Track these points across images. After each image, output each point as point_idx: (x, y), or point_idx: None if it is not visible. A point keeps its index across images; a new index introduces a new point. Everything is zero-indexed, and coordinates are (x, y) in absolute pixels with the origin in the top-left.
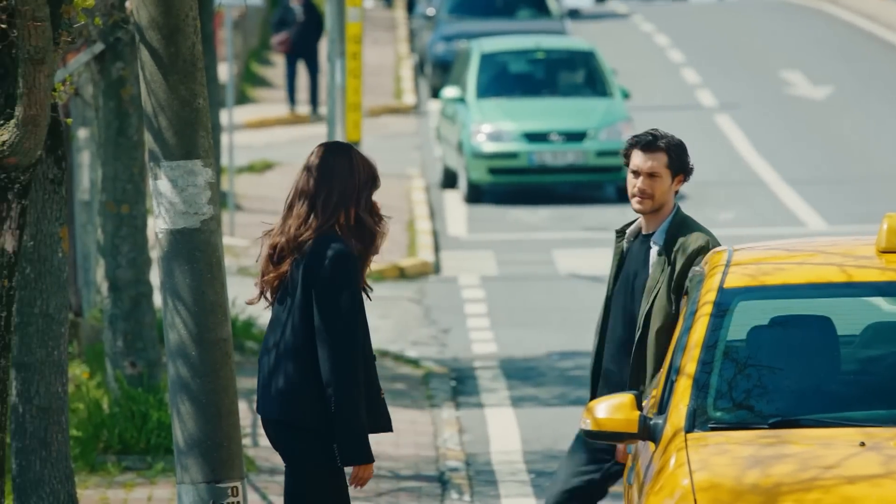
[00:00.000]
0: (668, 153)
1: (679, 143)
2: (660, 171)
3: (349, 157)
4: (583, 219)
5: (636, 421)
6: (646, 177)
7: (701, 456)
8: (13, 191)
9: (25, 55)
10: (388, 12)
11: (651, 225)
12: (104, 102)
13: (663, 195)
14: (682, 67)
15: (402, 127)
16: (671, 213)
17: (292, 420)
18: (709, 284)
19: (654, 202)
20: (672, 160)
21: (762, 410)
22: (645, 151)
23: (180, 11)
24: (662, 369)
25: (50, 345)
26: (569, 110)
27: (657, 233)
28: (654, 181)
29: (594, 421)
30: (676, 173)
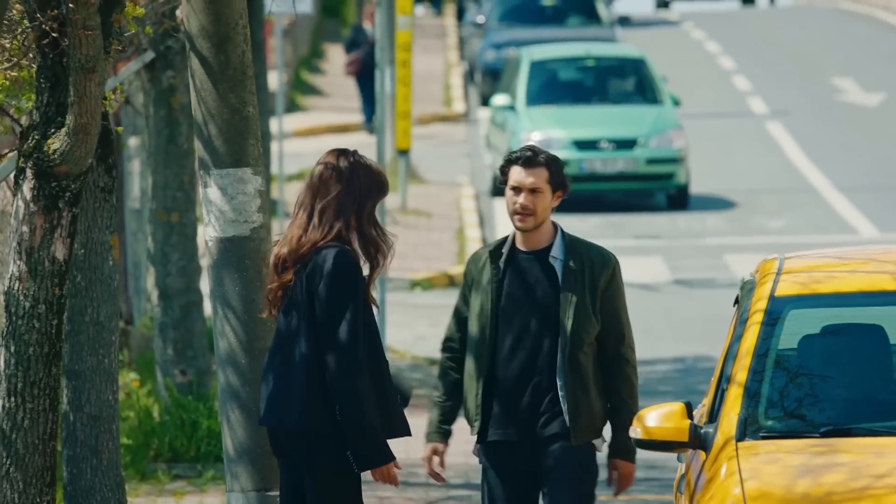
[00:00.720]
0: (548, 168)
1: (556, 159)
2: (541, 187)
3: (349, 164)
4: (633, 227)
5: (687, 430)
6: (528, 193)
7: (752, 465)
8: (64, 199)
9: (76, 64)
10: (438, 20)
11: (533, 241)
12: (154, 111)
13: (545, 211)
14: (732, 74)
15: (452, 135)
16: (558, 229)
17: (310, 428)
18: (760, 293)
19: (537, 218)
20: (552, 175)
21: (813, 419)
22: (525, 167)
23: (230, 20)
24: (713, 378)
25: (101, 353)
26: (619, 118)
27: (554, 248)
28: (537, 197)
29: (644, 430)
30: (556, 188)
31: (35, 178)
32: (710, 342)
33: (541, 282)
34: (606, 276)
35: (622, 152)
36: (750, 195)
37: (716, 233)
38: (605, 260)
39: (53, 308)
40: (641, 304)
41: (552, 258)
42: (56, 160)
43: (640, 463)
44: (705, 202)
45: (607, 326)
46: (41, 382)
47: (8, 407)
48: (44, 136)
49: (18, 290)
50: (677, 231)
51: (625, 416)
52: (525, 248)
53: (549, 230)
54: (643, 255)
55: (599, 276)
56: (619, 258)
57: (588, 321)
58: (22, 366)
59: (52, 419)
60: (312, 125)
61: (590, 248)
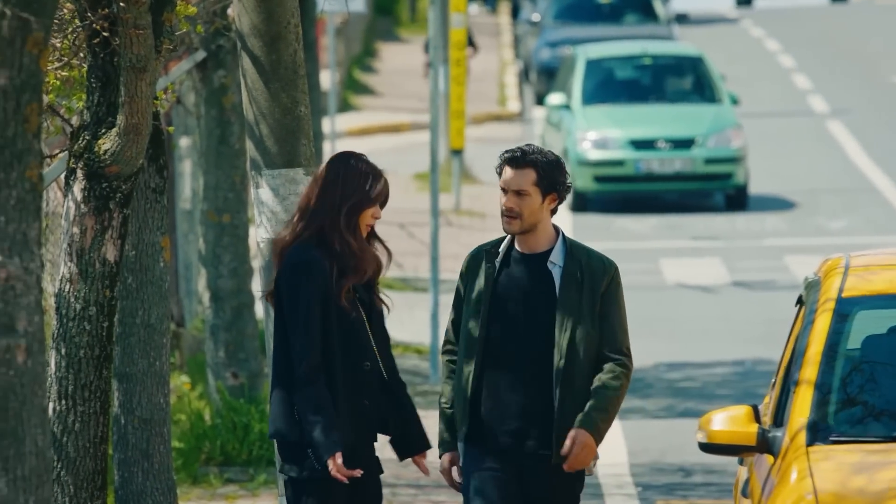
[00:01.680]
0: (536, 170)
1: (552, 161)
2: (526, 189)
3: (341, 167)
4: (690, 227)
5: (755, 434)
6: (512, 194)
7: (824, 469)
8: (115, 200)
9: (127, 63)
10: (492, 18)
11: (531, 244)
12: (206, 111)
13: (532, 214)
14: (793, 72)
15: (507, 134)
16: (558, 234)
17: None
18: (826, 292)
19: (523, 222)
20: (540, 178)
21: (884, 422)
22: (513, 167)
23: (282, 18)
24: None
25: (152, 355)
26: (676, 117)
27: (554, 252)
28: (522, 199)
29: (709, 434)
30: (547, 192)
31: (86, 179)
32: (770, 345)
33: (536, 287)
34: (605, 282)
35: (680, 152)
36: (810, 195)
37: (775, 234)
38: (606, 267)
39: (104, 310)
40: (699, 306)
41: (550, 263)
42: (107, 161)
43: (698, 467)
44: (764, 202)
45: (602, 333)
46: (92, 385)
47: (59, 410)
48: (94, 137)
49: (69, 292)
50: (736, 232)
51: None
52: (522, 251)
53: (549, 234)
54: (701, 256)
55: (599, 284)
56: (676, 259)
57: (586, 333)
58: (73, 368)
59: (102, 422)
60: (365, 125)
61: (590, 254)
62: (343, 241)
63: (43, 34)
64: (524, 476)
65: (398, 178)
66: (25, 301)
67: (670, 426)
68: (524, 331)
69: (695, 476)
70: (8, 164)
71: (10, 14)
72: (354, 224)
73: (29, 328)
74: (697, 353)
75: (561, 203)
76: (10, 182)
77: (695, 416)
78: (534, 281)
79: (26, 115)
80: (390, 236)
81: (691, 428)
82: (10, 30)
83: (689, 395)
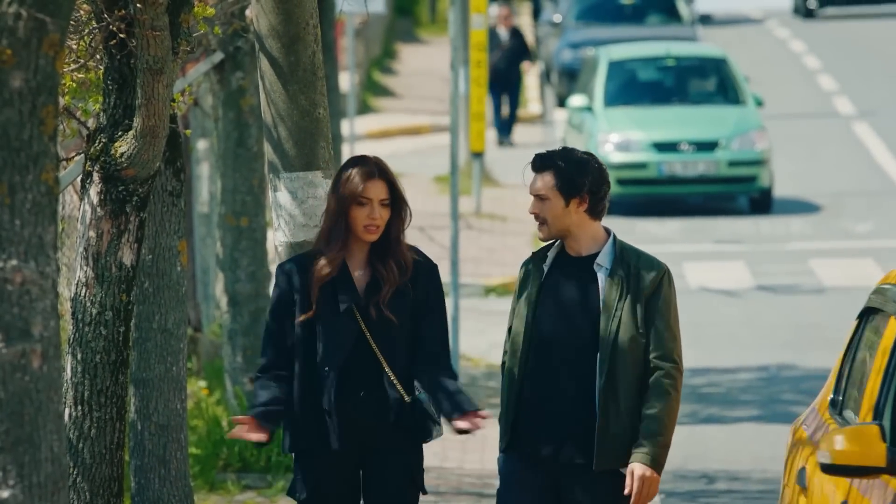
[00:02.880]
0: (554, 173)
1: (574, 163)
2: (546, 194)
3: (339, 170)
4: (714, 231)
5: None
6: (535, 199)
7: None
8: (131, 203)
9: (144, 65)
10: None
11: (578, 246)
12: (223, 113)
13: (557, 219)
14: (818, 74)
15: (528, 137)
16: (608, 235)
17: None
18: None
19: (550, 228)
20: (560, 180)
21: None
22: (534, 171)
23: (300, 20)
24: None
25: (169, 360)
26: (700, 119)
27: (601, 255)
28: (545, 204)
29: (833, 453)
30: (569, 195)
31: (102, 182)
32: (795, 350)
33: (581, 290)
34: (653, 285)
35: (703, 154)
36: (836, 198)
37: (800, 237)
38: (655, 269)
39: (121, 315)
40: (723, 310)
41: (597, 265)
42: (123, 163)
43: (722, 474)
44: (789, 205)
45: (649, 339)
46: (108, 391)
47: (75, 416)
48: (111, 139)
49: (85, 297)
50: (760, 235)
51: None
52: (571, 254)
53: (595, 236)
54: (725, 260)
55: (646, 287)
56: (700, 263)
57: (631, 338)
58: (89, 374)
59: (119, 428)
60: (385, 127)
61: (640, 256)
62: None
63: (59, 35)
64: (562, 486)
65: (418, 181)
66: (41, 305)
67: (693, 432)
68: (567, 336)
69: (718, 483)
70: (24, 167)
71: (26, 15)
72: (345, 227)
73: (44, 333)
74: (721, 359)
75: (596, 204)
76: (26, 185)
77: (718, 422)
78: (579, 284)
79: (42, 118)
80: (410, 240)
81: (714, 434)
82: (26, 31)
83: (713, 402)
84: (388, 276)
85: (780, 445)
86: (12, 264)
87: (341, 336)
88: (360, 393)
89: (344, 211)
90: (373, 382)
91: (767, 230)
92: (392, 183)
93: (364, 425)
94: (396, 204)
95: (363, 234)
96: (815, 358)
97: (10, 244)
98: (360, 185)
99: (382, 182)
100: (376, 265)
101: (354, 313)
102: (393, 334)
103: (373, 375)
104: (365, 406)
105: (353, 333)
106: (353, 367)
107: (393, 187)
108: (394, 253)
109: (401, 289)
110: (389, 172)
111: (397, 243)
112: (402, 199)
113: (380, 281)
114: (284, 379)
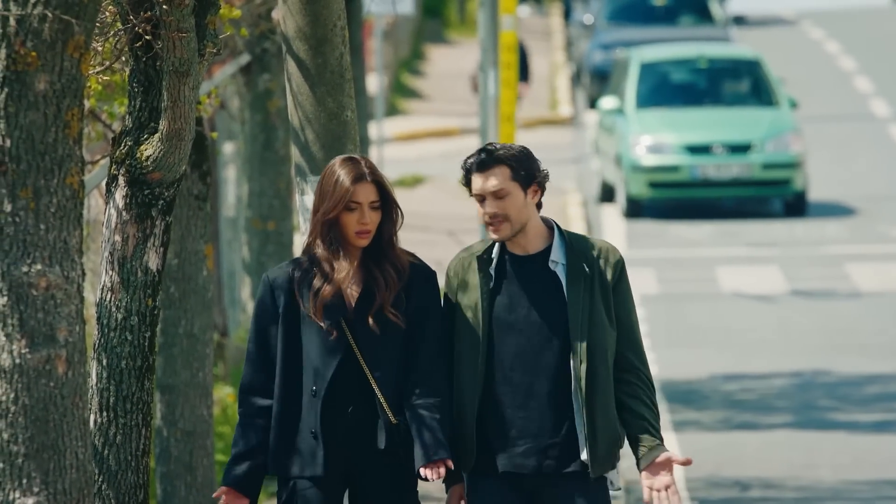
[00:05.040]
0: (508, 165)
1: (521, 151)
2: (505, 187)
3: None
4: (747, 235)
5: None
6: (492, 198)
7: None
8: (157, 207)
9: (170, 67)
10: (543, 20)
11: (526, 244)
12: (250, 116)
13: (520, 212)
14: (854, 75)
15: (558, 139)
16: (553, 227)
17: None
18: None
19: (513, 224)
20: (515, 171)
21: None
22: (481, 171)
23: (328, 21)
24: None
25: (195, 366)
26: (733, 121)
27: (553, 250)
28: (505, 201)
29: None
30: (527, 184)
31: (127, 186)
32: (830, 356)
33: (542, 290)
34: (615, 274)
35: (736, 157)
36: (871, 202)
37: (835, 241)
38: (611, 256)
39: (146, 320)
40: (756, 315)
41: (552, 262)
42: (149, 167)
43: (756, 481)
44: (824, 209)
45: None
46: (134, 397)
47: (100, 422)
48: (136, 142)
49: (110, 302)
50: (795, 239)
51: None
52: (516, 253)
53: (543, 230)
54: (758, 264)
55: (608, 277)
56: (733, 267)
57: (604, 331)
58: (114, 379)
59: (144, 435)
60: (413, 129)
61: (592, 245)
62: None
63: (84, 37)
64: (543, 500)
65: (446, 184)
66: (66, 310)
67: (726, 439)
68: (534, 342)
69: (752, 490)
70: (49, 171)
71: (51, 17)
72: (334, 233)
73: (70, 338)
74: (754, 365)
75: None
76: (51, 189)
77: (751, 429)
78: (537, 284)
79: (67, 121)
80: (438, 244)
81: (748, 441)
82: (52, 33)
83: (746, 408)
84: (388, 281)
85: (814, 452)
86: (37, 269)
87: (328, 352)
88: (347, 415)
89: (334, 217)
90: (361, 404)
91: (802, 234)
92: (381, 184)
93: (351, 450)
94: (387, 206)
95: (355, 239)
96: (850, 364)
97: (34, 248)
98: (349, 189)
99: (372, 184)
100: (371, 273)
101: (343, 327)
102: (384, 350)
103: (361, 396)
104: (353, 429)
105: (341, 350)
106: (340, 386)
107: (382, 188)
108: (388, 256)
109: (396, 299)
110: (378, 173)
111: (390, 246)
112: (393, 199)
113: (372, 292)
114: (265, 412)
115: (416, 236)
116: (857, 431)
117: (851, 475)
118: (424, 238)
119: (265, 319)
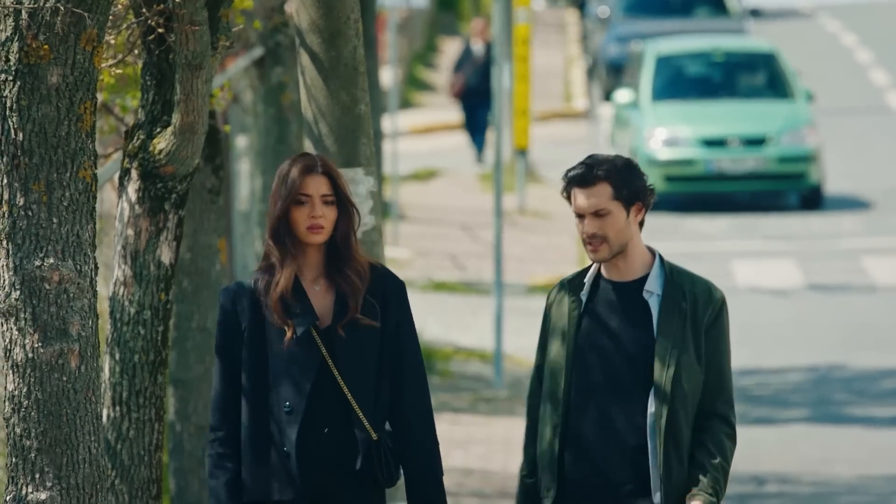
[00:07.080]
0: (610, 182)
1: (624, 166)
2: (606, 207)
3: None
4: (763, 228)
5: None
6: (592, 217)
7: None
8: (170, 201)
9: (183, 60)
10: (558, 13)
11: (620, 270)
12: (263, 109)
13: (620, 234)
14: (870, 68)
15: (573, 133)
16: (654, 256)
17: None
18: None
19: (612, 245)
20: (618, 189)
21: None
22: (582, 187)
23: (342, 14)
24: None
25: (208, 360)
26: (749, 114)
27: (650, 279)
28: (605, 220)
29: None
30: (630, 203)
31: (140, 179)
32: (846, 350)
33: (631, 320)
34: (711, 314)
35: (752, 150)
36: (888, 195)
37: (852, 235)
38: (712, 296)
39: (159, 314)
40: (772, 309)
41: (646, 292)
42: (162, 160)
43: (772, 477)
44: (840, 203)
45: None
46: (147, 391)
47: (113, 417)
48: (149, 136)
49: (123, 296)
50: (811, 233)
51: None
52: (612, 278)
53: (645, 256)
54: (774, 258)
55: (703, 316)
56: (748, 261)
57: (691, 372)
58: (127, 374)
59: (158, 429)
60: (427, 123)
61: (694, 281)
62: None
63: (97, 30)
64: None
65: (461, 178)
66: (79, 305)
67: (743, 434)
68: (617, 372)
69: (768, 485)
70: (61, 164)
71: (63, 10)
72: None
73: (83, 332)
74: (770, 359)
75: (647, 211)
76: (64, 182)
77: (768, 423)
78: (627, 314)
79: (80, 114)
80: (452, 238)
81: (764, 436)
82: (64, 26)
83: (762, 402)
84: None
85: (830, 447)
86: (50, 263)
87: (300, 365)
88: (323, 433)
89: (284, 212)
90: (337, 420)
91: (818, 228)
92: (335, 179)
93: (327, 471)
94: (342, 204)
95: (307, 236)
96: (866, 358)
97: (47, 242)
98: (297, 181)
99: (323, 177)
100: (334, 277)
101: (314, 337)
102: (360, 359)
103: (337, 411)
104: (328, 448)
105: (315, 361)
106: (314, 402)
107: (336, 184)
108: (345, 258)
109: (367, 303)
110: (333, 168)
111: (347, 247)
112: (348, 197)
113: (342, 299)
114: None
115: (430, 230)
116: (873, 426)
117: (868, 470)
118: (438, 231)
119: (230, 336)
